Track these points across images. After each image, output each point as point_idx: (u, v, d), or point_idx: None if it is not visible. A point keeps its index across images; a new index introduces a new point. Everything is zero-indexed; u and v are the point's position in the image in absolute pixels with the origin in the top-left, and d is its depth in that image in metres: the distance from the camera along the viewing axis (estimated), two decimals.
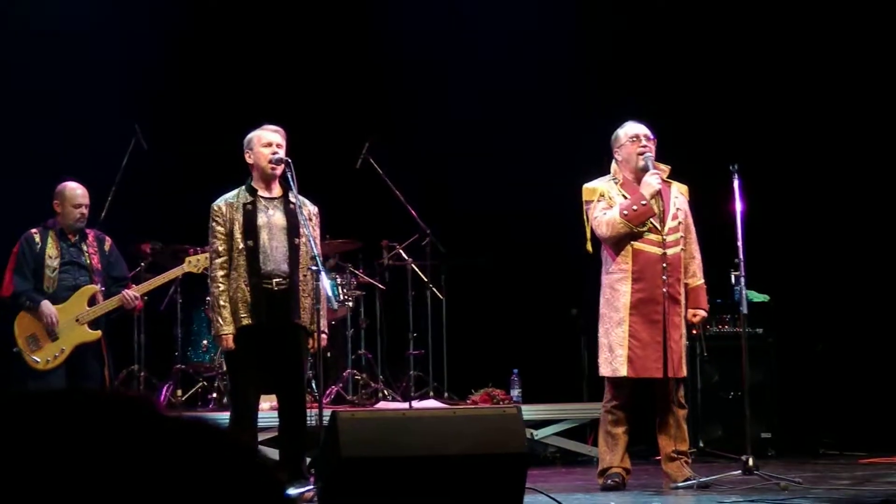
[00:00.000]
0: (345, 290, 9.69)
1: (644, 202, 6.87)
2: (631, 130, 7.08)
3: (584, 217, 7.08)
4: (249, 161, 6.70)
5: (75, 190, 7.68)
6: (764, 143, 10.39)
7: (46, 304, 7.49)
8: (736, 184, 7.11)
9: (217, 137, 9.20)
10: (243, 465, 1.10)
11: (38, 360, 7.50)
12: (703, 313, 7.14)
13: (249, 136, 6.74)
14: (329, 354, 9.06)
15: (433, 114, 10.78)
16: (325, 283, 6.58)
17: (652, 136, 7.07)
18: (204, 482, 1.06)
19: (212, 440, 1.11)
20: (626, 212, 6.86)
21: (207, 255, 7.35)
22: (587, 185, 7.11)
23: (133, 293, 7.67)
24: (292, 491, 6.06)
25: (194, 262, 7.71)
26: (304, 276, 6.59)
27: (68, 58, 10.14)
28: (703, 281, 7.12)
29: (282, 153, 6.63)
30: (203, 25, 10.50)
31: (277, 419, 6.82)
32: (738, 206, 7.08)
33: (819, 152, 10.49)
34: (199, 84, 10.49)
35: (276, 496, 1.12)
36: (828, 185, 10.46)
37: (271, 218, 6.60)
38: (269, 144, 6.65)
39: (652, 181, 6.90)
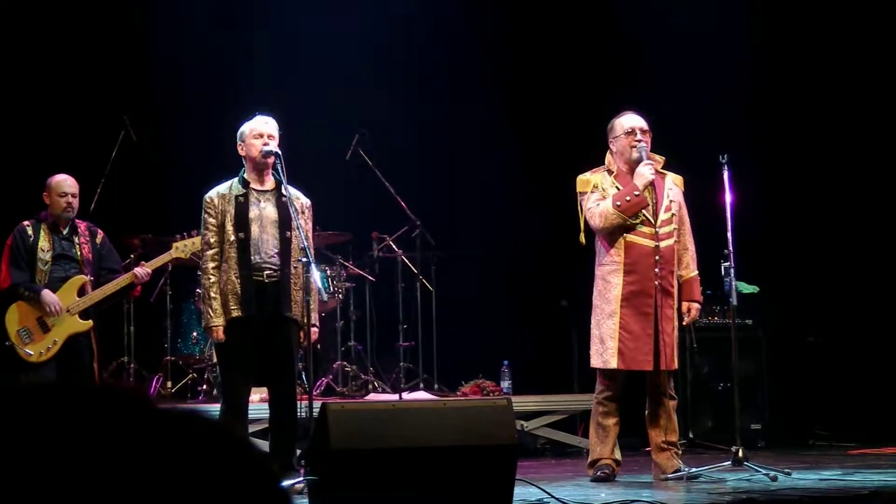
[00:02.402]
0: (335, 282, 9.69)
1: (637, 193, 6.86)
2: (627, 123, 7.05)
3: (578, 208, 7.08)
4: (242, 153, 6.68)
5: (63, 180, 7.67)
6: (754, 134, 10.40)
7: (48, 293, 7.48)
8: (726, 174, 7.11)
9: (207, 129, 9.20)
10: (237, 456, 1.10)
11: (32, 352, 7.49)
12: (697, 306, 7.13)
13: (242, 128, 6.72)
14: (319, 346, 9.06)
15: (426, 107, 10.79)
16: (315, 275, 6.57)
17: (647, 129, 7.04)
18: (198, 474, 1.06)
19: (205, 432, 1.10)
20: (619, 202, 6.85)
21: (195, 240, 7.34)
22: (581, 177, 7.10)
23: (146, 269, 7.67)
24: (283, 483, 6.06)
25: (181, 248, 7.68)
26: (295, 268, 6.59)
27: (64, 51, 10.14)
28: (696, 273, 7.12)
29: (273, 144, 6.61)
30: (192, 15, 10.47)
31: (268, 411, 6.82)
32: (728, 197, 7.08)
33: (809, 144, 10.51)
34: (188, 74, 10.47)
35: (271, 487, 1.12)
36: (818, 177, 10.48)
37: (263, 210, 6.59)
38: (261, 136, 6.63)
39: (645, 171, 6.89)
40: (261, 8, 10.80)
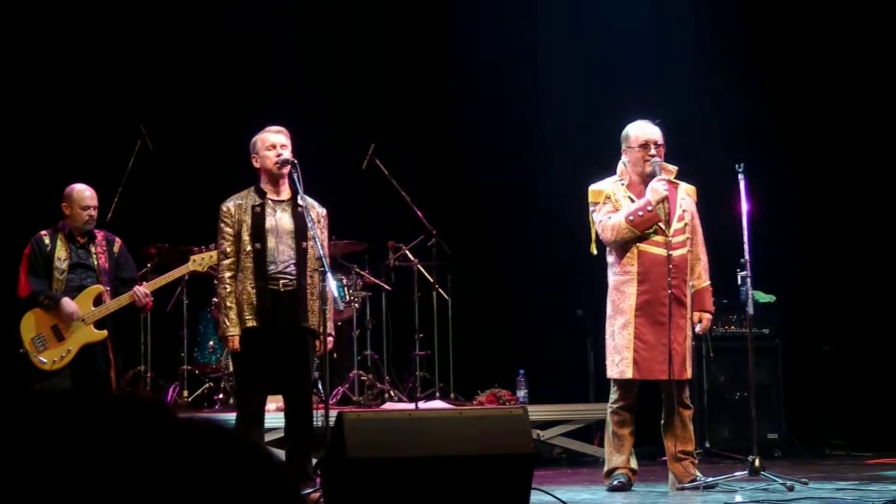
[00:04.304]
0: (351, 291, 9.70)
1: (650, 208, 6.84)
2: (641, 135, 7.02)
3: (590, 219, 7.07)
4: (256, 165, 6.69)
5: (83, 192, 7.68)
6: (771, 143, 10.39)
7: (67, 301, 7.49)
8: (742, 184, 7.10)
9: (223, 138, 9.23)
10: (257, 465, 1.11)
11: (45, 360, 7.51)
12: (708, 316, 7.12)
13: (254, 139, 6.74)
14: (335, 355, 9.06)
15: (439, 114, 10.81)
16: (332, 284, 6.58)
17: (661, 142, 7.03)
18: (217, 482, 1.07)
19: (224, 440, 1.11)
20: (631, 217, 6.84)
21: (212, 253, 7.34)
22: (593, 187, 7.09)
23: (144, 290, 7.66)
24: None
25: (199, 261, 7.70)
26: (311, 278, 6.59)
27: (81, 61, 10.18)
28: (708, 283, 7.11)
29: (286, 153, 6.63)
30: (209, 26, 10.50)
31: (283, 420, 6.82)
32: (745, 206, 7.07)
33: (826, 152, 10.49)
34: (204, 84, 10.50)
35: (290, 496, 1.13)
36: (834, 186, 10.46)
37: (279, 221, 6.59)
38: (273, 147, 6.64)
39: (658, 187, 6.87)
40: (263, 14, 10.81)
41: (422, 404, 9.17)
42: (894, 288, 10.27)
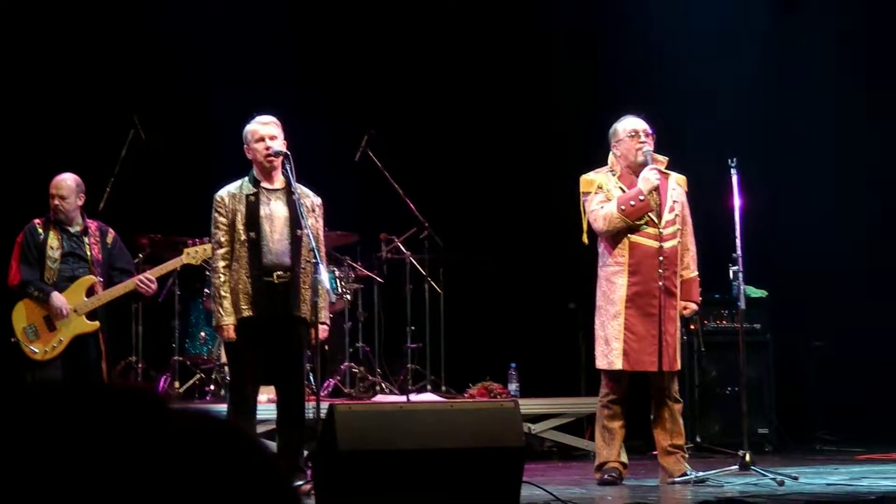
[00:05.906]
0: (343, 283, 9.69)
1: (642, 197, 6.85)
2: (629, 125, 7.05)
3: (581, 208, 7.07)
4: (249, 156, 6.67)
5: (53, 182, 7.64)
6: (762, 138, 10.41)
7: (56, 296, 7.47)
8: (734, 178, 7.11)
9: (216, 127, 9.21)
10: (249, 456, 1.11)
11: (37, 350, 7.50)
12: (694, 306, 7.14)
13: (245, 130, 6.70)
14: (327, 347, 9.06)
15: (432, 106, 10.80)
16: (324, 275, 6.56)
17: (651, 131, 7.04)
18: (209, 473, 1.07)
19: (217, 432, 1.11)
20: (623, 207, 6.84)
21: (206, 246, 7.32)
22: (585, 177, 7.10)
23: (149, 276, 7.64)
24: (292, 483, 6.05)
25: (192, 254, 7.69)
26: (305, 268, 6.58)
27: (74, 50, 10.16)
28: (696, 273, 7.12)
29: (277, 144, 6.58)
30: (200, 15, 10.47)
31: (276, 411, 6.82)
32: (737, 201, 7.08)
33: (818, 147, 10.50)
34: (197, 73, 10.47)
35: (281, 488, 1.12)
36: (826, 180, 10.46)
37: (273, 210, 6.57)
38: (262, 139, 6.59)
39: (650, 176, 6.88)
40: (257, 4, 10.79)
41: (413, 397, 9.17)
42: (884, 284, 10.28)
